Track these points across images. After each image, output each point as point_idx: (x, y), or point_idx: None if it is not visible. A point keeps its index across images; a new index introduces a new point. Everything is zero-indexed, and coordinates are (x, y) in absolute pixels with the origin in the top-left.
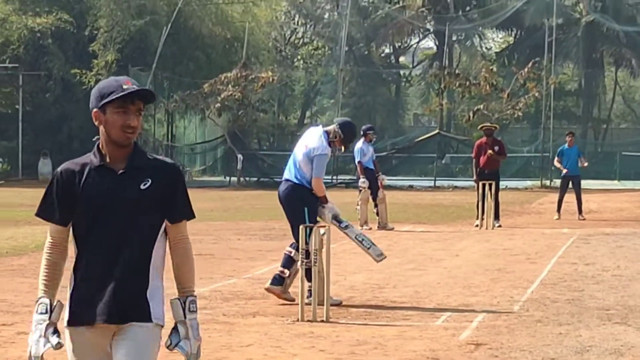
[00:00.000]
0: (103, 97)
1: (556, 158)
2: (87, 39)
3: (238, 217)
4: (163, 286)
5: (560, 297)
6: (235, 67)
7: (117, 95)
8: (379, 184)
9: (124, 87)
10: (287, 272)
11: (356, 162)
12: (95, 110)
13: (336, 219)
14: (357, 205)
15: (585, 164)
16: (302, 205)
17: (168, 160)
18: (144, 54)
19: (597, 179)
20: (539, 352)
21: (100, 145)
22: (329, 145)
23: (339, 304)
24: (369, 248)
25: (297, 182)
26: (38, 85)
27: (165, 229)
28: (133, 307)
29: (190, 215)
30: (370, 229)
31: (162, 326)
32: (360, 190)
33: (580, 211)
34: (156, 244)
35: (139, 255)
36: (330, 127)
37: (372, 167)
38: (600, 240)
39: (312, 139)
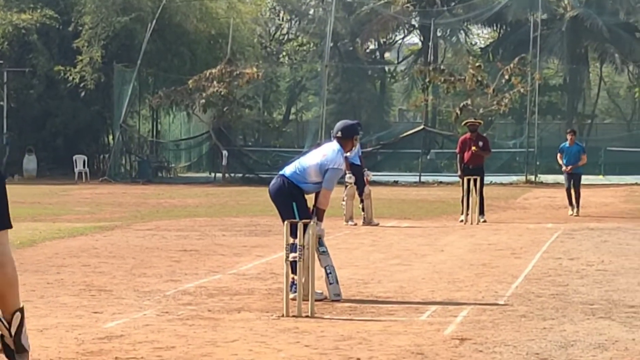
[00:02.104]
0: None
1: (558, 154)
2: (72, 36)
3: (223, 213)
4: None
5: (544, 292)
6: (220, 63)
7: None
8: (365, 179)
9: None
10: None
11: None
12: None
13: (319, 240)
14: (343, 200)
15: (581, 163)
16: (291, 200)
17: None
18: (128, 50)
19: (582, 174)
20: (523, 346)
21: None
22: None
23: (323, 299)
24: (330, 284)
25: (290, 179)
26: (22, 81)
27: None
28: None
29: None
30: (356, 224)
31: None
32: (346, 186)
33: (578, 207)
34: None
35: None
36: (334, 144)
37: (358, 163)
38: (584, 235)
39: (330, 152)
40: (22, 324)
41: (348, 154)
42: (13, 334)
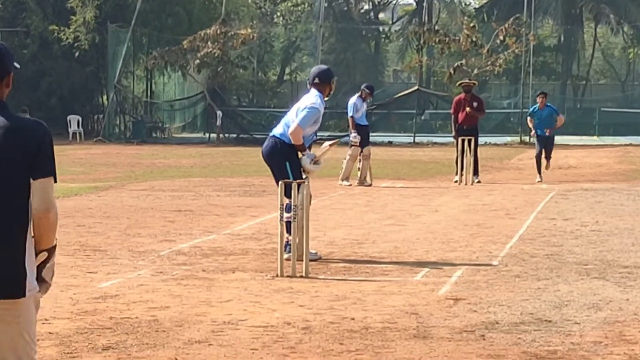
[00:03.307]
0: None
1: (528, 118)
2: None
3: (217, 173)
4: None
5: (538, 252)
6: (214, 23)
7: None
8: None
9: None
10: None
11: (348, 116)
12: None
13: (315, 162)
14: (345, 159)
15: (558, 125)
16: (284, 160)
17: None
18: (122, 10)
19: (576, 134)
20: (517, 306)
21: None
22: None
23: (318, 259)
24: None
25: (279, 137)
26: (16, 41)
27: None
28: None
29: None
30: (350, 185)
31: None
32: (351, 145)
33: (548, 162)
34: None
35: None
36: (312, 92)
37: (365, 123)
38: (579, 195)
39: (307, 99)
40: (47, 261)
41: (355, 114)
42: (37, 265)
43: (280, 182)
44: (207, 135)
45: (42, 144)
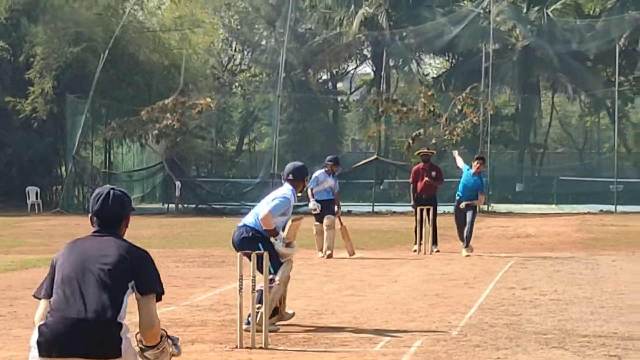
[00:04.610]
0: None
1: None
2: (24, 67)
3: (176, 244)
4: None
5: (498, 322)
6: (173, 94)
7: None
8: (336, 215)
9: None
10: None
11: (308, 189)
12: None
13: (288, 244)
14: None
15: (476, 203)
16: (256, 243)
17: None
18: (81, 81)
19: (534, 203)
20: None
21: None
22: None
23: (276, 330)
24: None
25: (250, 226)
26: None
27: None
28: None
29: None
30: (324, 256)
31: None
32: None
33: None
34: None
35: None
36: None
37: (324, 198)
38: (537, 264)
39: (279, 190)
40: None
41: (315, 187)
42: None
43: (252, 255)
44: (166, 205)
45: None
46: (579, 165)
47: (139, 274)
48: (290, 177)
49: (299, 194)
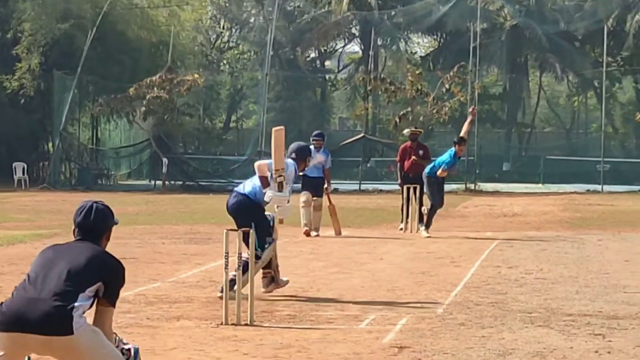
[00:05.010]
0: None
1: (443, 168)
2: (11, 43)
3: (163, 220)
4: None
5: (483, 300)
6: (160, 71)
7: None
8: (325, 193)
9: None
10: (270, 271)
11: None
12: None
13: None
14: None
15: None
16: (250, 221)
17: None
18: (69, 57)
19: (521, 182)
20: (462, 355)
21: None
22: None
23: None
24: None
25: (250, 196)
26: None
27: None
28: None
29: None
30: (318, 235)
31: None
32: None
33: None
34: None
35: None
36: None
37: (316, 175)
38: (523, 243)
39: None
40: None
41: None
42: None
43: (238, 234)
44: (152, 182)
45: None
46: (566, 145)
47: (109, 283)
48: (293, 156)
49: (300, 173)
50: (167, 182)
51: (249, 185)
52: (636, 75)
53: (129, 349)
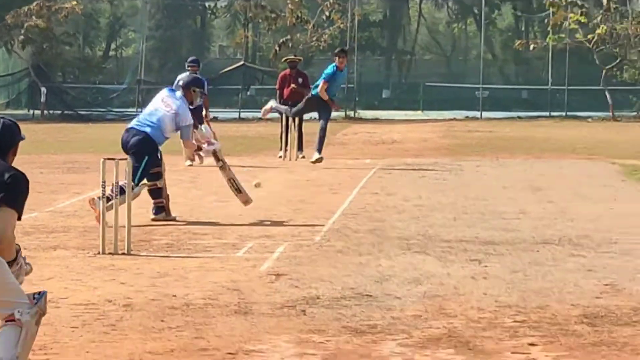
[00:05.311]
0: None
1: (323, 82)
2: None
3: (41, 150)
4: None
5: (361, 228)
6: None
7: None
8: (205, 120)
9: None
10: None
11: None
12: None
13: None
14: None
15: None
16: (145, 155)
17: None
18: None
19: (400, 109)
20: (339, 282)
21: None
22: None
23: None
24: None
25: (150, 135)
26: None
27: None
28: None
29: None
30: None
31: None
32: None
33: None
34: None
35: None
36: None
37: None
38: (402, 171)
39: (179, 108)
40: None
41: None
42: None
43: (126, 163)
44: (31, 112)
45: None
46: (446, 72)
47: (11, 190)
48: (181, 84)
49: (191, 107)
50: (45, 112)
51: (148, 124)
52: (515, 1)
53: (39, 292)
